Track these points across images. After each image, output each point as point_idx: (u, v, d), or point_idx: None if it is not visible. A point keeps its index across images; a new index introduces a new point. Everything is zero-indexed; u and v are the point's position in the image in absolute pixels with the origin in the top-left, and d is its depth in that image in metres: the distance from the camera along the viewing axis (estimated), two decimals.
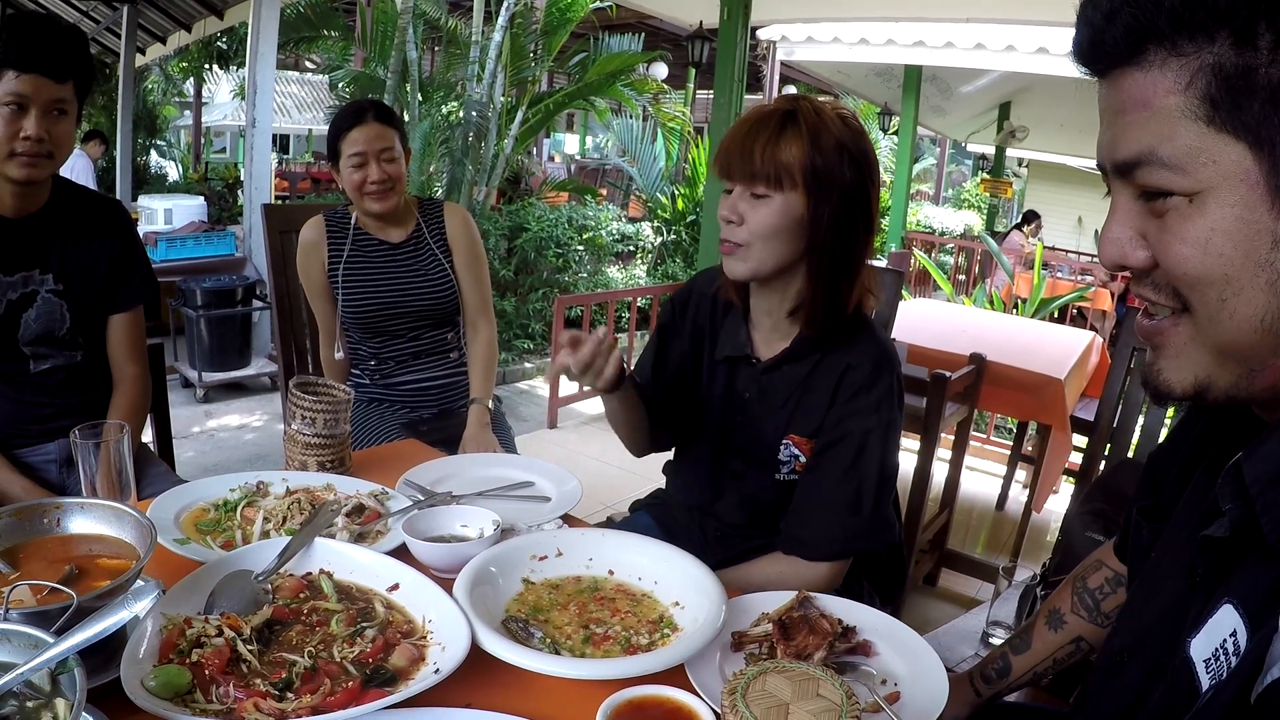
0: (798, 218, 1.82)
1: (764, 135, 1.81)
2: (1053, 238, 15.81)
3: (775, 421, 2.02)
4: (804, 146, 1.79)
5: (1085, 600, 1.66)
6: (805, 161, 1.79)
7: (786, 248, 1.85)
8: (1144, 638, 1.18)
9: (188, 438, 6.01)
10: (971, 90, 13.67)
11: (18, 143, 2.16)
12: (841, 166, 1.81)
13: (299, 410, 2.08)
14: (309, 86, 28.17)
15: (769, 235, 1.83)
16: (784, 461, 2.02)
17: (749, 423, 2.06)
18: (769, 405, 2.02)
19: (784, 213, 1.81)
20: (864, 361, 1.93)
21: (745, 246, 1.85)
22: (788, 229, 1.83)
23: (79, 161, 10.23)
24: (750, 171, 1.81)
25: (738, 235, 1.85)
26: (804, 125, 1.80)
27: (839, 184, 1.81)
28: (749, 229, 1.84)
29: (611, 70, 10.65)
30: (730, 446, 2.11)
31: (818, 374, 1.96)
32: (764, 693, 1.08)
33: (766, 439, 2.03)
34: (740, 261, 1.88)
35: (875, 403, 1.91)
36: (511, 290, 9.28)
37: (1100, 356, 5.05)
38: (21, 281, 2.34)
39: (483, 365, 3.11)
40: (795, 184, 1.80)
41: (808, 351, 1.97)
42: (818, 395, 1.96)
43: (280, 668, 1.31)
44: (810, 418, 1.97)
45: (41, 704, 1.08)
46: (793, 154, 1.79)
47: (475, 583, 1.55)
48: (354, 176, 2.87)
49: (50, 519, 1.48)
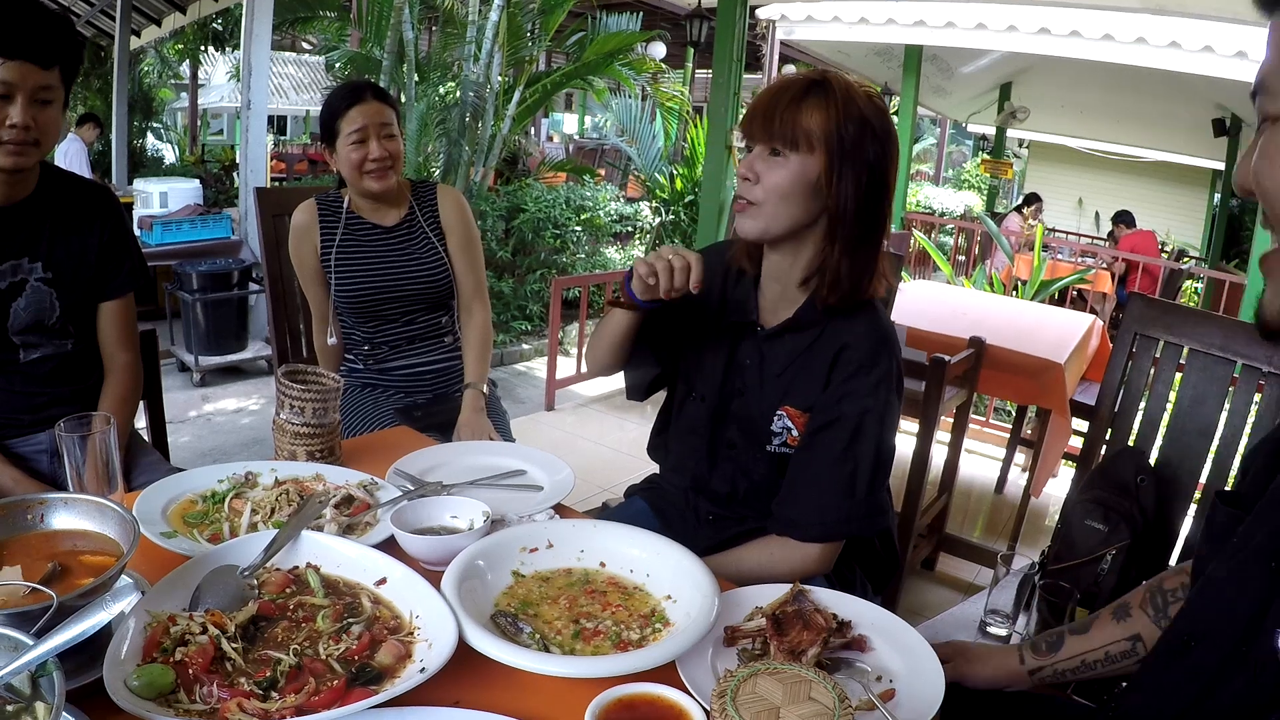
0: (812, 181, 1.84)
1: (787, 98, 1.84)
2: (1053, 219, 15.80)
3: (771, 391, 2.02)
4: (827, 113, 1.82)
5: (1156, 600, 1.67)
6: (828, 127, 1.82)
7: (799, 210, 1.87)
8: (1216, 623, 1.17)
9: (184, 422, 6.00)
10: (972, 70, 13.62)
11: (4, 130, 2.13)
12: (864, 139, 1.83)
13: (287, 399, 2.06)
14: (305, 68, 28.10)
15: (782, 195, 1.85)
16: (776, 433, 2.02)
17: (746, 390, 2.07)
18: (767, 374, 2.03)
19: (799, 174, 1.84)
20: (862, 342, 1.93)
21: (758, 205, 1.88)
22: (801, 191, 1.85)
23: (73, 145, 10.17)
24: (769, 131, 1.84)
25: (752, 193, 1.88)
26: (831, 93, 1.83)
27: (860, 155, 1.84)
28: (763, 187, 1.86)
29: (609, 50, 10.60)
30: (727, 415, 2.11)
31: (817, 347, 1.97)
32: (754, 696, 1.06)
33: (761, 408, 2.03)
34: (752, 219, 1.90)
35: (874, 384, 1.91)
36: (509, 271, 9.25)
37: (1101, 340, 5.02)
38: (10, 270, 2.31)
39: (477, 349, 3.09)
40: (813, 148, 1.83)
41: (810, 323, 1.98)
42: (814, 369, 1.97)
43: (265, 666, 1.29)
44: (805, 390, 1.98)
45: (22, 707, 1.06)
46: (814, 119, 1.82)
47: (464, 576, 1.54)
48: (353, 155, 2.84)
49: (34, 515, 1.46)
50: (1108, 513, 2.37)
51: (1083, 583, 2.33)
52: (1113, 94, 13.15)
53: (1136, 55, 8.40)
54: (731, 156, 7.14)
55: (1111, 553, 2.34)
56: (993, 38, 9.18)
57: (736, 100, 6.56)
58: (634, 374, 2.30)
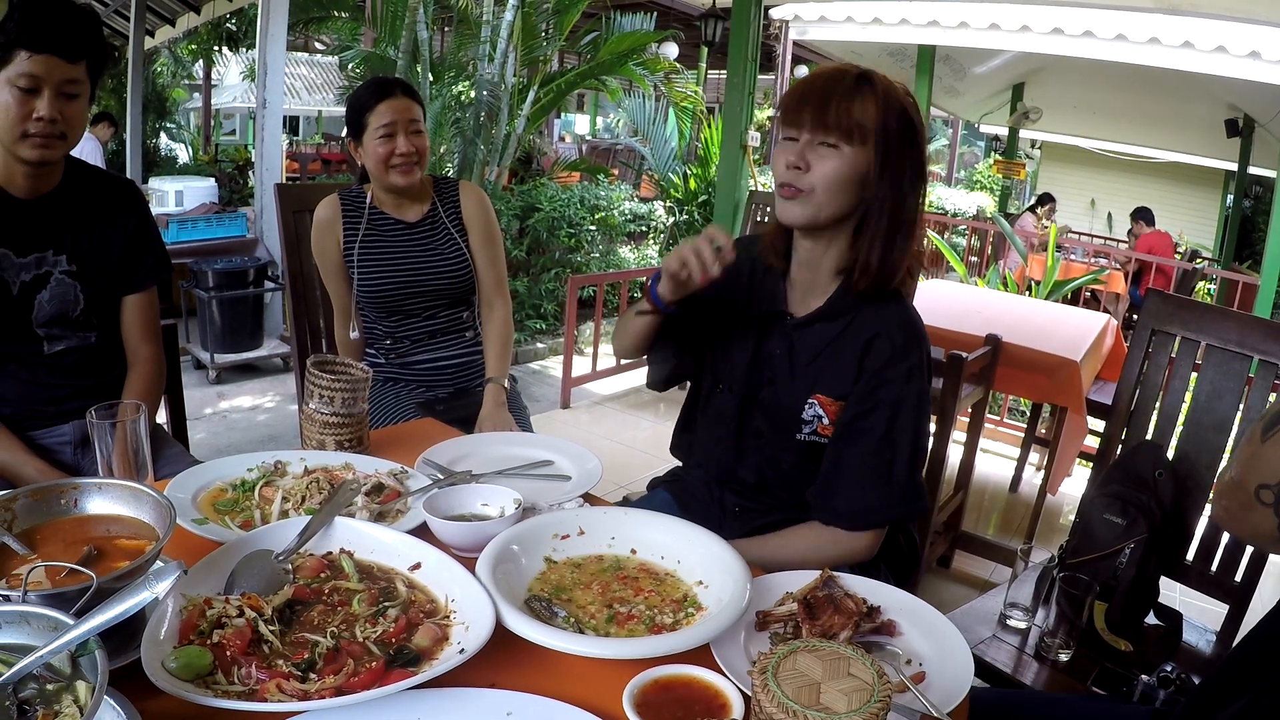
0: (862, 173, 1.88)
1: (840, 89, 1.86)
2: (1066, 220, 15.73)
3: (803, 380, 2.03)
4: (879, 107, 1.85)
5: None
6: (880, 121, 1.85)
7: (846, 200, 1.90)
8: None
9: (200, 419, 6.02)
10: (985, 71, 13.60)
11: (30, 123, 2.14)
12: (907, 134, 1.88)
13: (317, 389, 2.07)
14: (318, 68, 28.13)
15: (833, 185, 1.87)
16: (807, 421, 2.03)
17: (775, 380, 2.08)
18: (797, 363, 2.04)
19: (851, 165, 1.86)
20: (894, 331, 1.96)
21: (808, 193, 1.89)
22: (851, 182, 1.88)
23: (88, 144, 10.19)
24: (825, 121, 1.86)
25: (803, 181, 1.89)
26: (877, 88, 1.87)
27: (903, 150, 1.88)
28: (815, 176, 1.88)
29: (623, 50, 10.59)
30: (755, 404, 2.12)
31: (847, 335, 1.99)
32: (795, 672, 1.07)
33: (792, 397, 2.05)
34: (800, 206, 1.91)
35: (907, 372, 1.94)
36: (524, 270, 9.25)
37: (1115, 340, 5.01)
38: (35, 263, 2.32)
39: (498, 344, 3.10)
40: (864, 140, 1.85)
41: (842, 311, 2.00)
42: (846, 358, 1.98)
43: (302, 648, 1.30)
44: (837, 379, 1.99)
45: (62, 686, 1.07)
46: (868, 112, 1.85)
47: (498, 561, 1.55)
48: (381, 149, 2.85)
49: (68, 500, 1.48)
50: (1126, 506, 2.37)
51: (1101, 576, 2.33)
52: (1126, 94, 13.10)
53: (1150, 55, 8.38)
54: (746, 156, 7.14)
55: (1130, 546, 2.34)
56: (1006, 38, 9.16)
57: (751, 100, 6.57)
58: (655, 366, 2.33)
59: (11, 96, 2.12)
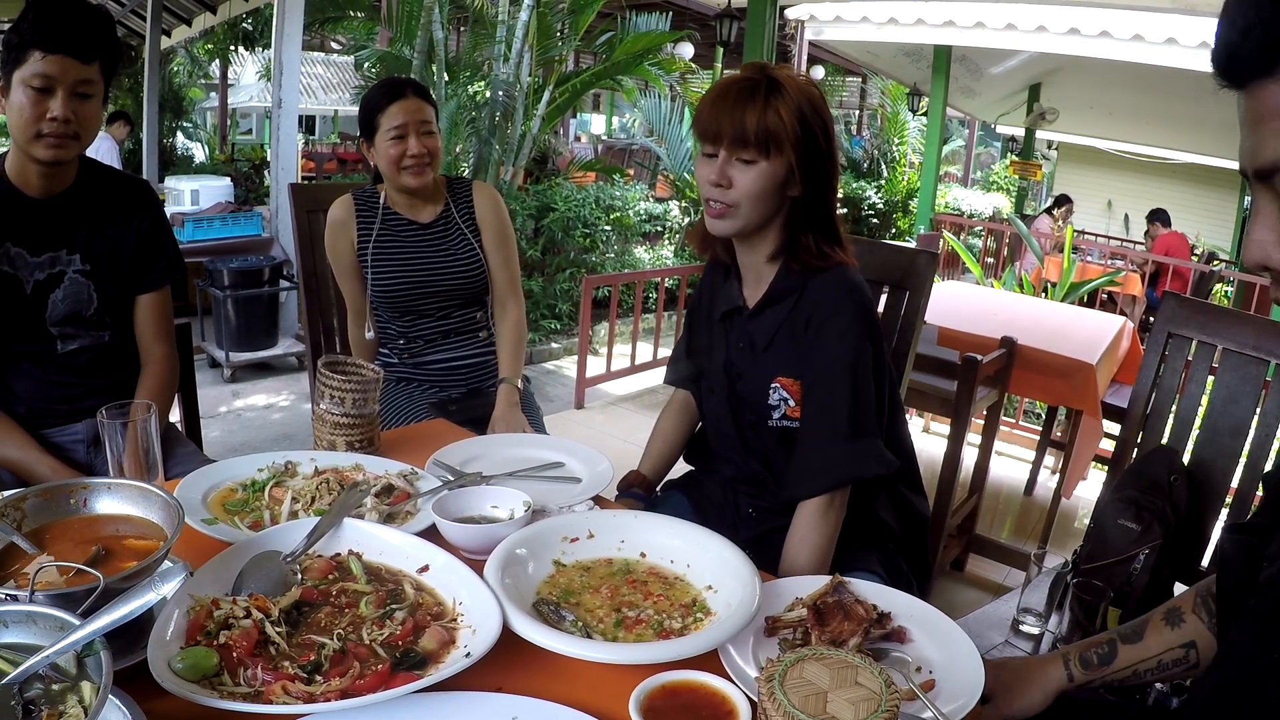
0: (783, 180, 1.94)
1: (752, 102, 1.90)
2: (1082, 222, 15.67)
3: (763, 366, 2.08)
4: (791, 111, 1.90)
5: (1209, 604, 1.63)
6: (793, 126, 1.90)
7: (770, 205, 1.97)
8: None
9: (214, 417, 6.04)
10: (1001, 71, 13.56)
11: (44, 123, 2.15)
12: (815, 130, 1.93)
13: (328, 390, 2.07)
14: (334, 67, 28.22)
15: (756, 197, 1.94)
16: (774, 406, 2.06)
17: (744, 372, 2.13)
18: (757, 351, 2.10)
19: (772, 175, 1.92)
20: (825, 298, 2.00)
21: (734, 207, 1.95)
22: (774, 190, 1.94)
23: (104, 143, 10.24)
24: (742, 138, 1.90)
25: (727, 197, 1.95)
26: (786, 92, 1.91)
27: (816, 144, 1.95)
28: (738, 191, 1.94)
29: (638, 50, 10.58)
30: (738, 399, 2.16)
31: (796, 314, 2.04)
32: (802, 680, 1.06)
33: (758, 385, 2.09)
34: (728, 221, 1.98)
35: (838, 334, 1.96)
36: (538, 270, 9.25)
37: (1131, 343, 4.99)
38: (49, 262, 2.33)
39: (511, 344, 3.09)
40: (780, 149, 1.90)
41: (786, 292, 2.05)
42: (796, 336, 2.03)
43: (309, 650, 1.30)
44: (792, 358, 2.03)
45: (67, 687, 1.07)
46: (782, 121, 1.89)
47: (506, 564, 1.55)
48: (392, 151, 2.86)
49: (77, 499, 1.48)
50: (1141, 512, 2.36)
51: (1115, 582, 2.32)
52: (1142, 95, 13.03)
53: (1167, 56, 8.33)
54: None
55: (1144, 552, 2.33)
56: (1022, 38, 9.14)
57: None
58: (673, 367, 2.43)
59: (26, 97, 2.13)
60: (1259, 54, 0.90)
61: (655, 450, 2.50)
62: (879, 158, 17.85)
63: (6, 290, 2.29)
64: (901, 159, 17.41)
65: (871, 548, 2.14)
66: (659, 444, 2.51)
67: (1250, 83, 0.93)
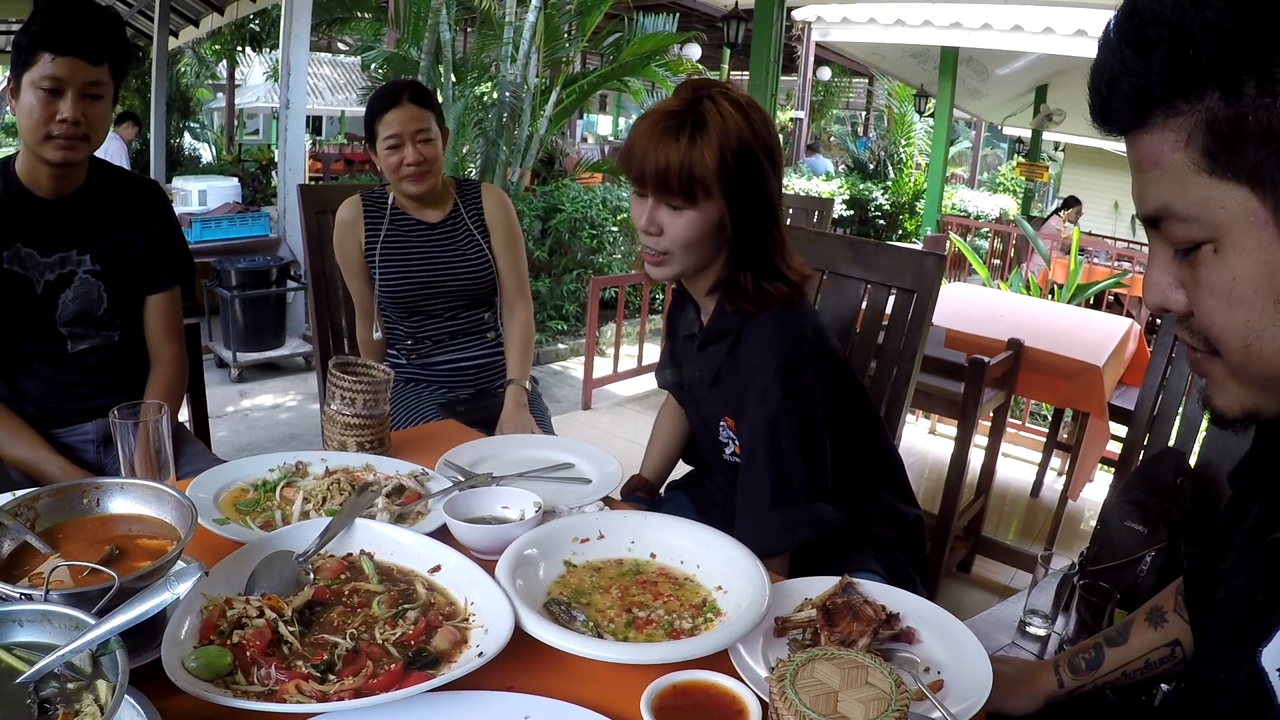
0: (715, 222, 1.87)
1: (674, 147, 1.81)
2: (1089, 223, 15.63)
3: (711, 403, 2.08)
4: (715, 153, 1.81)
5: None
6: (718, 170, 1.81)
7: (706, 249, 1.92)
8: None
9: (222, 417, 6.05)
10: (1008, 73, 13.55)
11: (54, 125, 2.16)
12: (749, 163, 1.84)
13: (338, 390, 2.08)
14: (341, 68, 28.27)
15: (689, 245, 1.89)
16: (724, 443, 2.07)
17: (701, 402, 2.14)
18: (704, 385, 2.08)
19: (702, 222, 1.86)
20: (752, 352, 1.95)
21: (668, 254, 1.91)
22: (706, 235, 1.88)
23: (112, 144, 10.24)
24: (666, 187, 1.83)
25: (659, 244, 1.91)
26: (712, 130, 1.81)
27: (751, 180, 1.85)
28: (669, 239, 1.89)
29: (646, 51, 10.56)
30: (701, 420, 2.17)
31: (735, 356, 1.99)
32: (813, 680, 1.07)
33: (709, 420, 2.09)
34: (665, 269, 1.95)
35: (759, 396, 1.91)
36: (546, 271, 9.25)
37: (1138, 345, 4.99)
38: (59, 262, 2.34)
39: (519, 345, 3.10)
40: (709, 193, 1.83)
41: (719, 335, 2.01)
42: (736, 379, 1.98)
43: (322, 649, 1.30)
44: (735, 401, 1.99)
45: (83, 685, 1.08)
46: (705, 164, 1.81)
47: (517, 565, 1.55)
48: (390, 159, 2.87)
49: (90, 499, 1.48)
50: (1147, 514, 2.36)
51: (1122, 583, 2.32)
52: None
53: None
54: None
55: (1151, 554, 2.33)
56: (1029, 40, 9.14)
57: (774, 102, 6.55)
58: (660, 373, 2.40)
59: (35, 98, 2.14)
60: (1127, 106, 0.91)
61: (655, 453, 2.49)
62: (886, 159, 17.82)
63: (17, 290, 2.30)
64: (908, 160, 17.38)
65: (866, 546, 2.11)
66: (658, 446, 2.50)
67: (1127, 133, 0.94)
